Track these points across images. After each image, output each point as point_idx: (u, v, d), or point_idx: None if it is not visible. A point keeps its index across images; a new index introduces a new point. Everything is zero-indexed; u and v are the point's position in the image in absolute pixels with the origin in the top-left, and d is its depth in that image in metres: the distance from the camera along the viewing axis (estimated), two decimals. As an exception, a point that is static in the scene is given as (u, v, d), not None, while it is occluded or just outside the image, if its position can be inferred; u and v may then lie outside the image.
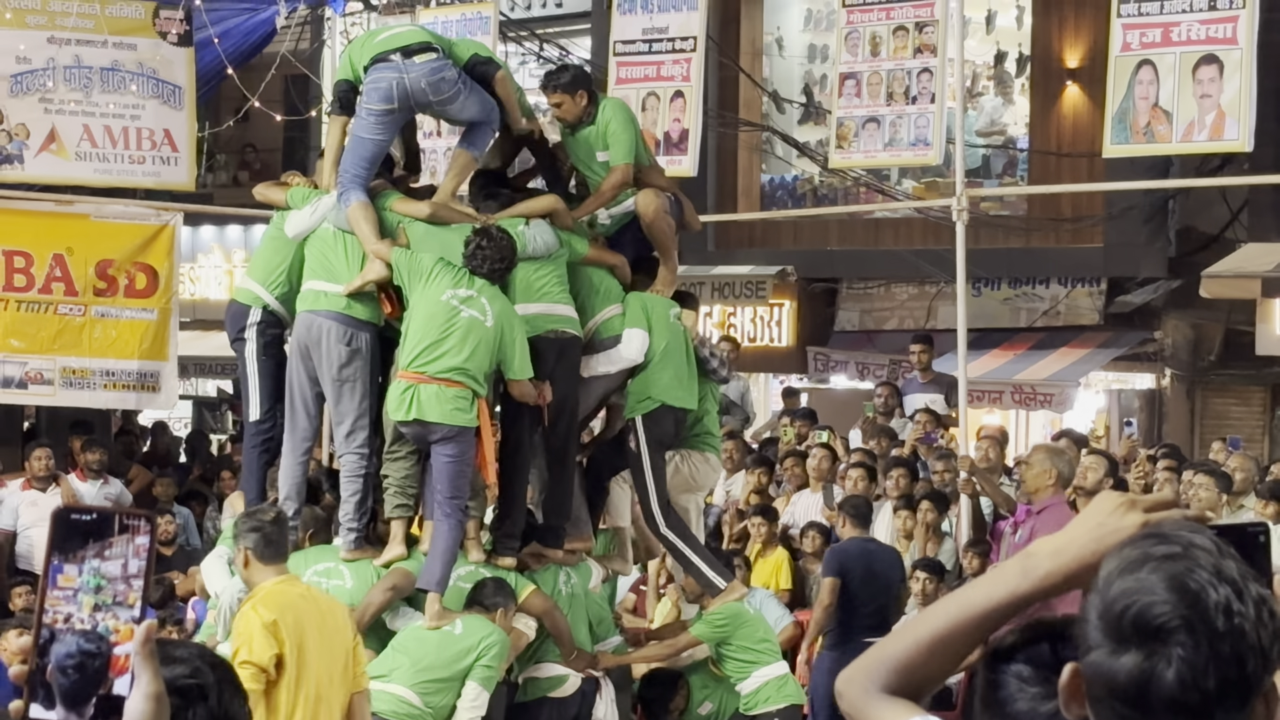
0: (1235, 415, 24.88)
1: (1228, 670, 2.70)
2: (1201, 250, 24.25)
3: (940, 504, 16.69)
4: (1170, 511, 3.05)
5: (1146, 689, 2.72)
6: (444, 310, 11.42)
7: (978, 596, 3.15)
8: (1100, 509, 3.08)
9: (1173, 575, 2.72)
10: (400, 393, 11.48)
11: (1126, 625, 2.73)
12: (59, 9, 18.55)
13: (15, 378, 18.26)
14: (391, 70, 11.94)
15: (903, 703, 3.14)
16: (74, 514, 2.88)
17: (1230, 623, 2.70)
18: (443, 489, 11.49)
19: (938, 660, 3.16)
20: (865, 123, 17.53)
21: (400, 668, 11.24)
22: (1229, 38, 15.56)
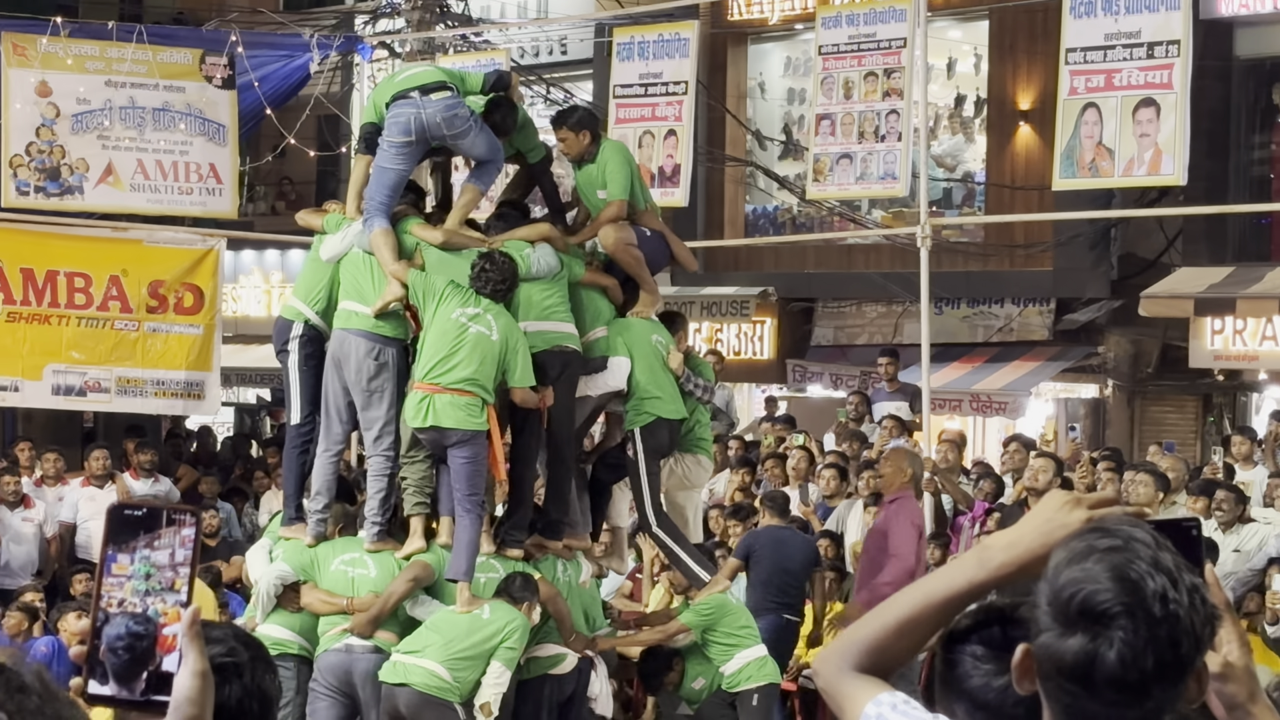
0: (1171, 422, 24.87)
1: (1164, 652, 2.72)
2: (1140, 274, 24.23)
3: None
4: (1112, 508, 3.06)
5: (1091, 668, 2.74)
6: (454, 327, 11.47)
7: (939, 585, 3.16)
8: (1048, 506, 3.10)
9: (1115, 566, 2.75)
10: (417, 402, 11.52)
11: (1073, 611, 2.75)
12: (115, 56, 18.57)
13: (76, 386, 18.29)
14: (410, 106, 11.95)
15: (873, 680, 3.15)
16: (126, 509, 2.89)
17: (1166, 609, 2.72)
18: (460, 488, 11.51)
19: (905, 642, 3.17)
20: (839, 159, 17.54)
21: (432, 645, 11.27)
22: (1165, 83, 15.56)
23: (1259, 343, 22.57)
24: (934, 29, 21.65)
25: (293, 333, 12.24)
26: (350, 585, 11.73)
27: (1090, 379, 25.54)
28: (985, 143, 26.48)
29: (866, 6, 18.31)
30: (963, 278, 24.96)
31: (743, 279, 27.65)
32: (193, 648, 2.88)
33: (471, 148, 12.23)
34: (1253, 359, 22.94)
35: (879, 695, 3.11)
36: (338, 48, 20.42)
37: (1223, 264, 23.50)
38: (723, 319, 27.44)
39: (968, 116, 27.34)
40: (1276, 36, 23.97)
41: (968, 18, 26.46)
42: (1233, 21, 23.64)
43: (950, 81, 27.29)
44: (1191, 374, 24.13)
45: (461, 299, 11.56)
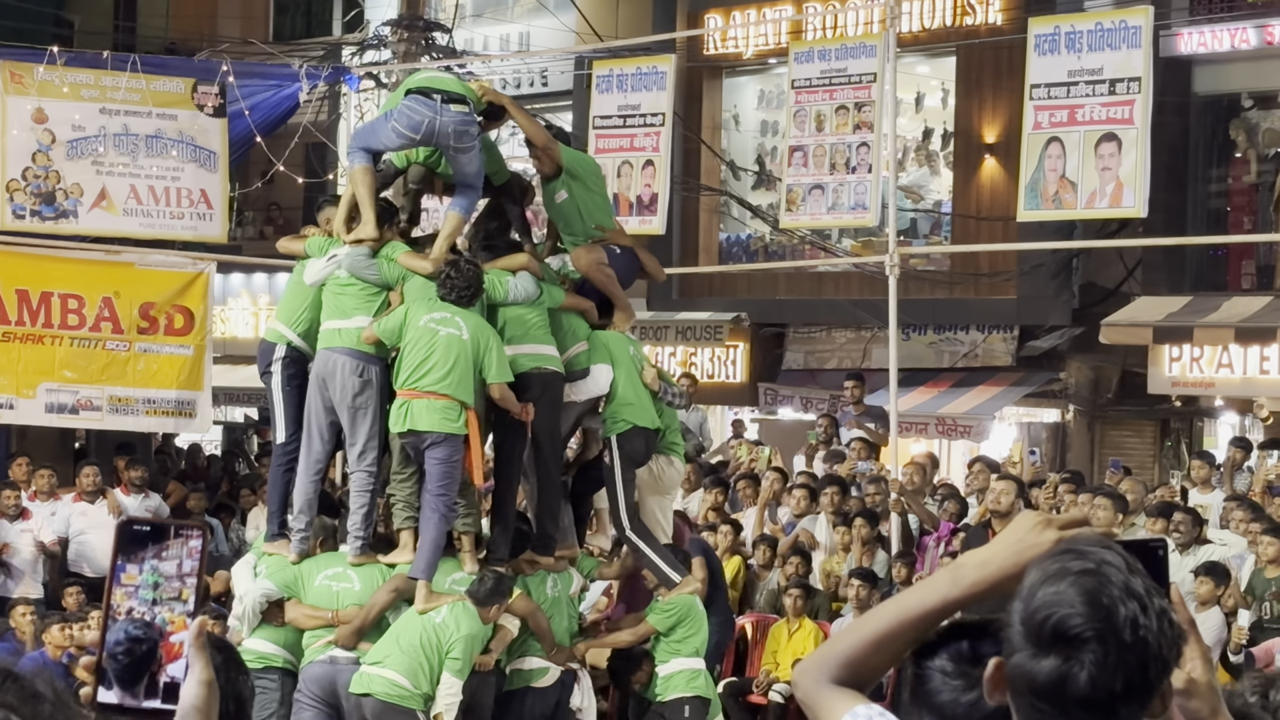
0: (1130, 446, 24.90)
1: (1132, 675, 2.74)
2: (1101, 302, 24.28)
3: (871, 520, 16.69)
4: (1082, 529, 3.07)
5: (1062, 688, 2.75)
6: (426, 334, 11.57)
7: (914, 601, 3.18)
8: (1020, 526, 3.11)
9: (1088, 590, 2.76)
10: (397, 408, 11.61)
11: (1046, 633, 2.76)
12: (110, 84, 18.57)
13: (69, 404, 18.25)
14: (429, 109, 11.92)
15: (849, 693, 3.16)
16: (135, 524, 2.88)
17: (1136, 635, 2.74)
18: (431, 487, 11.56)
19: (880, 656, 3.18)
20: (811, 189, 17.57)
21: (392, 654, 11.29)
22: (1126, 119, 15.61)
23: (1215, 370, 22.64)
24: (903, 64, 21.70)
25: (276, 354, 12.25)
26: (335, 599, 11.73)
27: (1052, 404, 25.58)
28: (952, 175, 26.54)
29: (838, 42, 18.38)
30: (929, 305, 25.00)
31: (716, 305, 27.68)
32: (199, 657, 2.88)
33: (467, 165, 12.20)
34: (1209, 386, 23.00)
35: (855, 708, 3.13)
36: (325, 78, 20.42)
37: (1181, 293, 23.57)
38: (697, 343, 27.45)
39: (935, 149, 27.41)
40: (1233, 74, 24.05)
41: (936, 54, 26.51)
42: (1191, 60, 23.72)
43: (918, 115, 27.36)
44: (1150, 400, 24.17)
45: (429, 306, 11.64)
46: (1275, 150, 24.03)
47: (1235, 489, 17.65)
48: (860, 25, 25.01)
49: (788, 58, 18.59)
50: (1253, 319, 22.23)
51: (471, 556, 11.91)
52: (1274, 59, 23.34)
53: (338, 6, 32.67)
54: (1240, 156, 24.50)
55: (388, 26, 22.49)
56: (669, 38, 24.39)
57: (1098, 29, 16.11)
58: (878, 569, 16.10)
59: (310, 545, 12.06)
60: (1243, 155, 24.48)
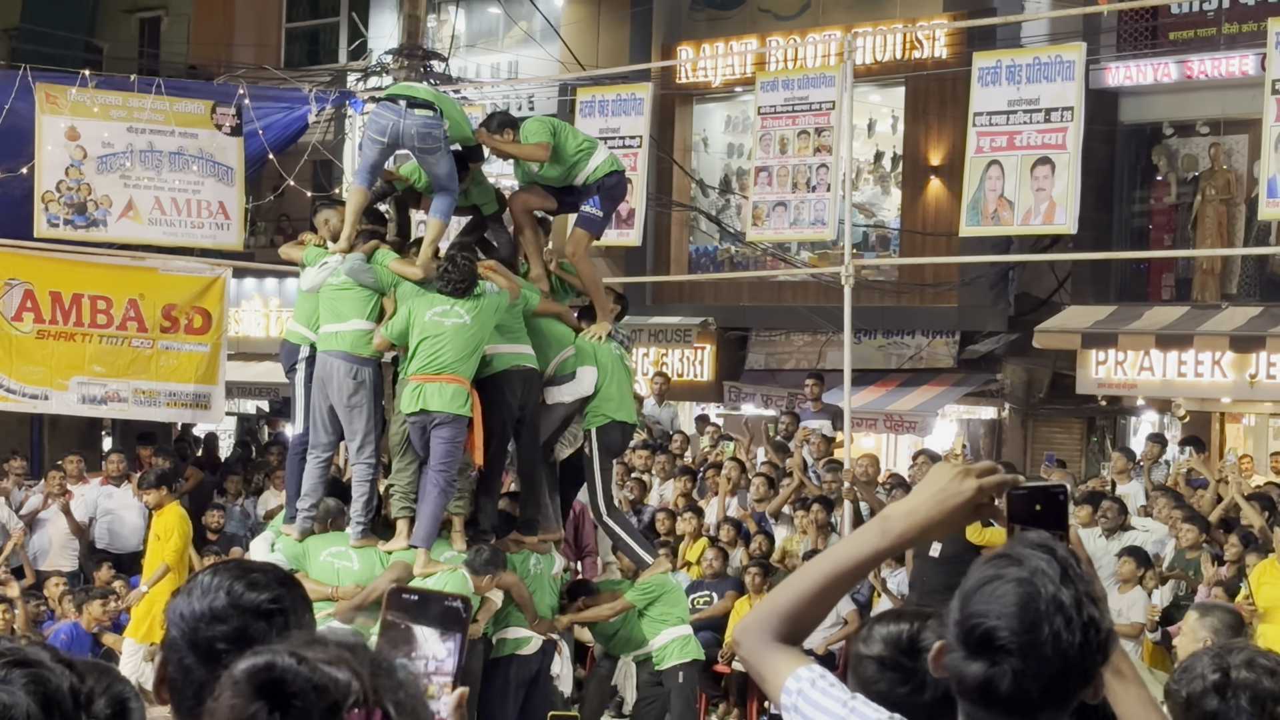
0: (1059, 441, 24.93)
1: (1051, 684, 2.73)
2: (1034, 311, 24.33)
3: (827, 506, 16.72)
4: (995, 476, 3.06)
5: (987, 690, 2.74)
6: (433, 325, 11.56)
7: (846, 553, 3.15)
8: (940, 476, 3.10)
9: (1018, 602, 2.73)
10: (410, 391, 11.57)
11: (976, 639, 2.75)
12: (136, 105, 18.55)
13: (98, 396, 18.25)
14: (393, 113, 11.92)
15: (791, 652, 3.12)
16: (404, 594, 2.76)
17: (1057, 648, 2.71)
18: (434, 463, 11.56)
19: (817, 607, 3.15)
20: (775, 206, 17.59)
21: None
22: (1060, 144, 15.64)
23: (1137, 373, 22.69)
24: (858, 93, 21.72)
25: (300, 354, 12.25)
26: (336, 575, 11.73)
27: (989, 402, 25.61)
28: (900, 194, 26.56)
29: (799, 73, 18.39)
30: (879, 312, 25.01)
31: (686, 310, 27.67)
32: None
33: (434, 166, 12.10)
34: (1132, 387, 23.05)
35: (798, 670, 3.08)
36: (332, 101, 20.39)
37: (1106, 303, 23.61)
38: (668, 345, 27.45)
39: (886, 170, 27.43)
40: (1156, 105, 24.11)
41: (887, 84, 26.54)
42: (1118, 92, 23.79)
43: (871, 140, 27.39)
44: (1078, 399, 24.22)
45: (431, 301, 11.63)
46: (1193, 174, 24.09)
47: (1153, 480, 17.71)
48: (819, 58, 25.03)
49: (754, 86, 18.60)
50: (1171, 327, 22.30)
51: (460, 535, 11.91)
52: (1193, 91, 23.40)
53: (344, 36, 32.60)
54: (1161, 180, 24.56)
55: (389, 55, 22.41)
56: (645, 68, 24.40)
57: (1035, 63, 16.14)
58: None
59: (318, 525, 12.05)
60: (1163, 179, 24.54)
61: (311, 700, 2.15)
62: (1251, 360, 21.72)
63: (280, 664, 2.17)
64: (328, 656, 2.19)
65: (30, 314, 17.88)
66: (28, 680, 2.38)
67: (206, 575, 3.17)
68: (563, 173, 12.61)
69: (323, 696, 2.15)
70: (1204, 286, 23.85)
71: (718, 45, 27.51)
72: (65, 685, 2.40)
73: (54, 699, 2.39)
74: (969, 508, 3.03)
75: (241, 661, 2.19)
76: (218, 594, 3.08)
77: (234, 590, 3.09)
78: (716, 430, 21.35)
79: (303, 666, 2.16)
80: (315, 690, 2.15)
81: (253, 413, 31.38)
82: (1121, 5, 22.74)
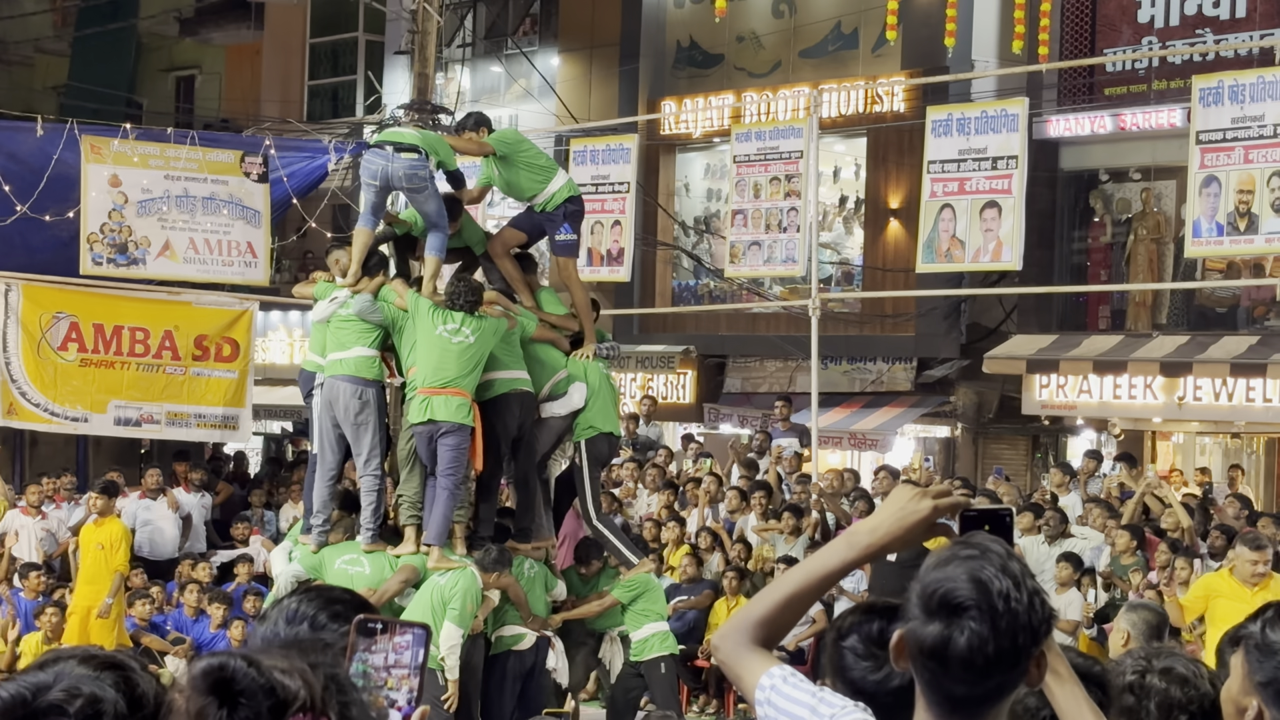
0: (1007, 457, 24.93)
1: (1003, 641, 2.73)
2: (984, 339, 24.35)
3: (797, 514, 16.70)
4: (949, 498, 3.09)
5: (945, 650, 2.74)
6: (440, 341, 11.57)
7: (817, 565, 3.18)
8: (901, 497, 3.14)
9: (970, 569, 2.75)
10: (418, 403, 11.57)
11: (934, 603, 2.76)
12: (172, 155, 18.57)
13: (133, 418, 18.25)
14: (381, 158, 11.95)
15: (764, 654, 3.15)
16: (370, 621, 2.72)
17: (1008, 606, 2.73)
18: (442, 468, 11.57)
19: (789, 614, 3.17)
20: (750, 245, 17.62)
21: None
22: (1006, 189, 15.69)
23: (1077, 395, 22.71)
24: (824, 143, 21.75)
25: (317, 381, 12.24)
26: (350, 580, 11.66)
27: (944, 422, 25.62)
28: (863, 234, 26.60)
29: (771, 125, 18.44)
30: (844, 340, 25.02)
31: (669, 339, 27.69)
32: None
33: (423, 204, 12.08)
34: (1071, 408, 23.07)
35: (770, 669, 3.10)
36: (350, 151, 20.35)
37: (1049, 332, 23.64)
38: (653, 370, 27.47)
39: (849, 213, 27.46)
40: (1093, 154, 24.15)
41: (850, 135, 26.59)
42: (1059, 141, 23.82)
43: (836, 185, 27.43)
44: (1023, 419, 24.22)
45: (442, 318, 11.61)
46: (1126, 216, 24.14)
47: (1088, 493, 17.71)
48: (789, 111, 25.09)
49: (730, 137, 18.63)
50: (1108, 354, 22.33)
51: (462, 542, 11.91)
52: (1127, 141, 23.45)
53: (360, 92, 32.62)
54: (1098, 221, 24.60)
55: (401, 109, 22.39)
56: (632, 120, 24.40)
57: (983, 116, 16.20)
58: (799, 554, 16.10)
59: (330, 537, 12.04)
60: (1100, 220, 24.58)
61: (258, 700, 2.16)
62: (1180, 384, 21.77)
63: (232, 665, 2.19)
64: (284, 665, 2.21)
65: (74, 344, 17.85)
66: (117, 680, 2.40)
67: (291, 602, 3.19)
68: (525, 184, 12.57)
69: (269, 696, 2.17)
70: (1137, 317, 23.90)
71: (698, 100, 27.56)
72: (150, 690, 2.43)
73: (139, 700, 2.41)
74: (925, 525, 3.07)
75: (200, 661, 2.22)
76: (302, 624, 3.12)
77: (318, 621, 3.11)
78: (699, 447, 21.34)
79: (253, 669, 2.19)
80: (262, 691, 2.17)
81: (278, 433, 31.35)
82: (1061, 64, 22.82)
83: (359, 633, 2.71)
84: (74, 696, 2.35)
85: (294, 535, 12.61)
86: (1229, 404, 21.57)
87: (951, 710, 2.80)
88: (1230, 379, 21.32)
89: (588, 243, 18.53)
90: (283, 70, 33.68)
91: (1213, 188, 14.85)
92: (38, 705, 2.34)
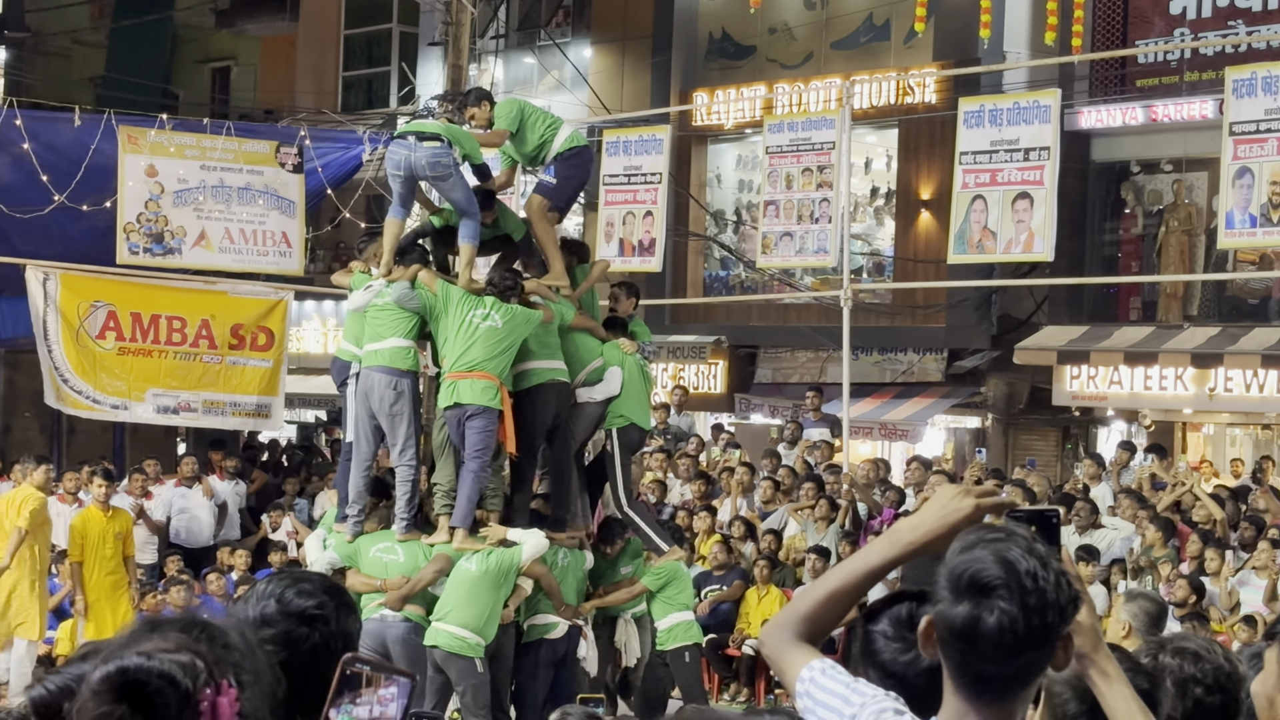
0: (1037, 448, 24.86)
1: (1032, 619, 2.75)
2: (1015, 330, 24.27)
3: (831, 505, 16.69)
4: (993, 497, 3.10)
5: (975, 629, 2.77)
6: (469, 326, 11.55)
7: (860, 563, 3.21)
8: (944, 495, 3.17)
9: (998, 551, 2.78)
10: (446, 388, 11.61)
11: (963, 584, 2.78)
12: (209, 146, 18.64)
13: (171, 406, 18.30)
14: (404, 148, 11.91)
15: (807, 648, 3.16)
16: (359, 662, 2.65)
17: (1036, 585, 2.75)
18: (469, 451, 11.55)
19: (834, 610, 3.19)
20: (782, 236, 17.59)
21: (454, 609, 11.28)
22: (1038, 180, 15.64)
23: (1107, 386, 22.63)
24: (856, 135, 21.68)
25: (351, 370, 12.22)
26: (384, 569, 11.72)
27: (974, 413, 25.56)
28: (894, 225, 26.54)
29: (803, 116, 18.40)
30: (875, 331, 24.98)
31: (700, 329, 27.67)
32: None
33: (450, 191, 12.04)
34: (1102, 399, 22.99)
35: (811, 661, 3.12)
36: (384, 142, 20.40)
37: (1080, 324, 23.56)
38: (684, 360, 27.45)
39: (881, 204, 27.40)
40: (1124, 145, 24.05)
41: (882, 126, 26.51)
42: (1090, 133, 23.73)
43: (867, 176, 27.35)
44: (1054, 410, 24.15)
45: (474, 304, 11.61)
46: (1158, 208, 24.03)
47: (1121, 484, 17.65)
48: (821, 103, 24.98)
49: (762, 129, 18.60)
50: (1138, 345, 22.25)
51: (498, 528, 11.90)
52: (1158, 133, 23.35)
53: (394, 83, 32.65)
54: (1129, 212, 24.50)
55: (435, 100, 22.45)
56: (664, 111, 24.40)
57: (1015, 107, 16.14)
58: (829, 544, 16.09)
59: (366, 526, 12.04)
60: (1131, 211, 24.48)
61: (168, 694, 2.12)
62: (1211, 375, 21.68)
63: (133, 665, 2.14)
64: (169, 645, 2.17)
65: (112, 333, 17.90)
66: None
67: (263, 583, 3.22)
68: (532, 151, 12.55)
69: (176, 687, 2.13)
70: (1168, 308, 23.80)
71: (730, 91, 27.51)
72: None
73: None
74: (968, 523, 3.07)
75: (95, 671, 2.15)
76: (269, 600, 3.13)
77: (284, 597, 3.12)
78: (730, 437, 21.32)
79: (153, 663, 2.14)
80: (169, 683, 2.13)
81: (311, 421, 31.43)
82: (1094, 56, 22.73)
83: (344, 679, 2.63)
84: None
85: (328, 523, 12.61)
86: (1260, 395, 21.49)
87: (981, 691, 2.82)
88: (1261, 370, 21.23)
89: (620, 233, 18.52)
90: (317, 61, 33.73)
91: (1246, 179, 14.79)
92: None
